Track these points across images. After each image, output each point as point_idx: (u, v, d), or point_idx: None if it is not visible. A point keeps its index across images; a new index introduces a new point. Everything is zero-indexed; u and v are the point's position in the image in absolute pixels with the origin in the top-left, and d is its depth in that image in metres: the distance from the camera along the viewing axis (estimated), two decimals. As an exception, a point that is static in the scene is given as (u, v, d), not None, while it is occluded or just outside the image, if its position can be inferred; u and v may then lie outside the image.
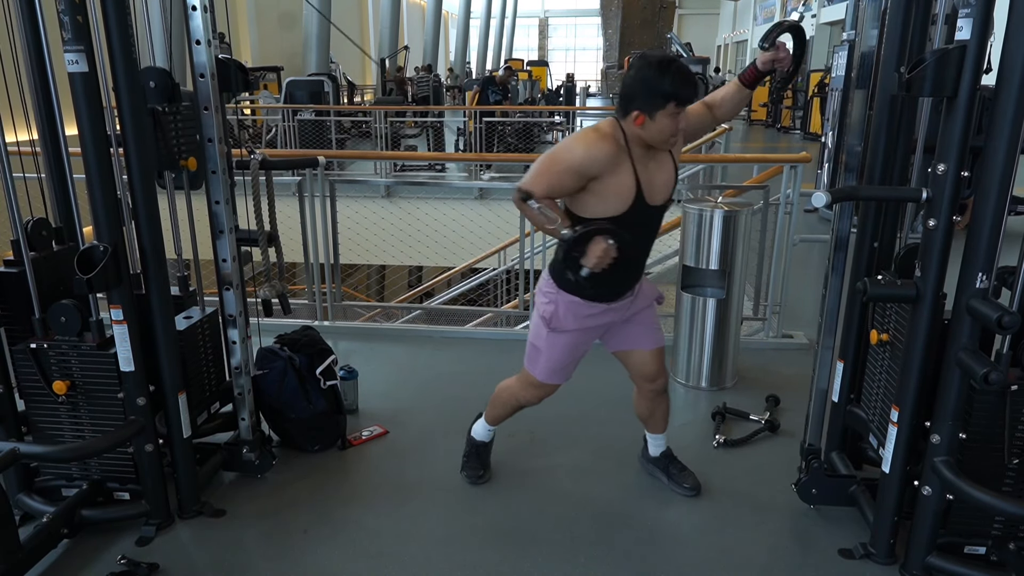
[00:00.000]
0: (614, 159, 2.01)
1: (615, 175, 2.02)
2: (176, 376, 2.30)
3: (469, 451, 2.65)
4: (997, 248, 1.79)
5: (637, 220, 2.09)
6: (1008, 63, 1.68)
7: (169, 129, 2.25)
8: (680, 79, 1.94)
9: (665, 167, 2.12)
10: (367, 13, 25.63)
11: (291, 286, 5.33)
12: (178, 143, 2.30)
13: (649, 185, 2.07)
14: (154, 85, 2.22)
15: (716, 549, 2.29)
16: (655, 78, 1.94)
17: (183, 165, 2.34)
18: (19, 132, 2.29)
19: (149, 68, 2.25)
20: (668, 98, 1.93)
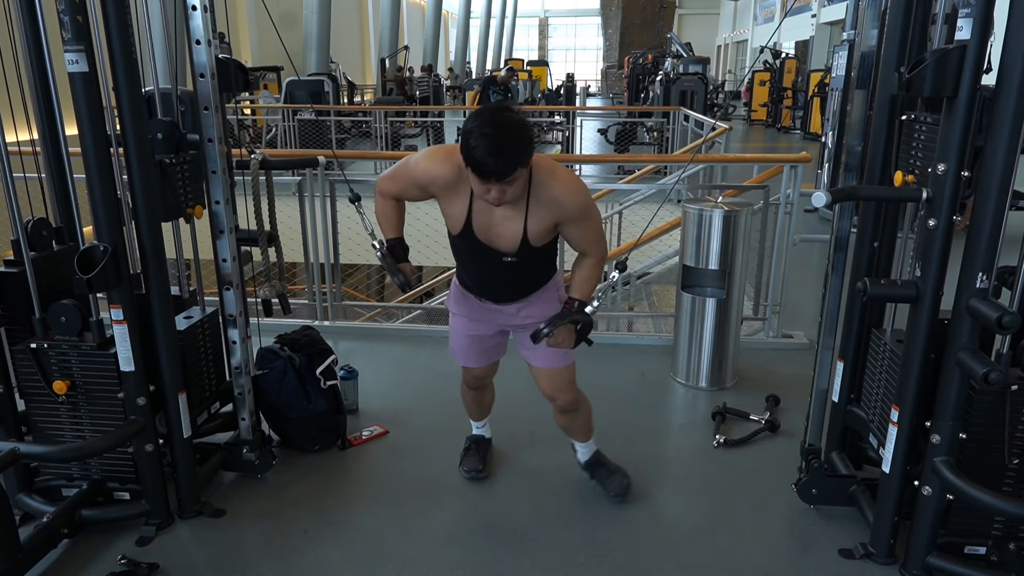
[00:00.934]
0: (452, 182, 1.96)
1: (450, 199, 2.00)
2: (176, 376, 2.30)
3: (467, 446, 2.70)
4: (997, 248, 1.79)
5: (473, 250, 2.06)
6: (1008, 63, 1.68)
7: (176, 180, 2.27)
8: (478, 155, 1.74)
9: (511, 220, 1.97)
10: (367, 13, 25.62)
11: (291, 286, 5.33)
12: (184, 192, 2.32)
13: (484, 225, 1.99)
14: (161, 136, 2.26)
15: (716, 549, 2.29)
16: (464, 134, 1.78)
17: (190, 213, 2.36)
18: (19, 132, 2.29)
19: (156, 120, 2.27)
20: (466, 163, 1.80)
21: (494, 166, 1.74)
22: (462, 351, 2.39)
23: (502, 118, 1.78)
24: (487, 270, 2.14)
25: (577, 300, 2.07)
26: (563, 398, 2.32)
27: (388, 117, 10.55)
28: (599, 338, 4.04)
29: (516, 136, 1.77)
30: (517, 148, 1.77)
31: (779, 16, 25.82)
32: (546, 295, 2.21)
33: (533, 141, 1.83)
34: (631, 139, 11.73)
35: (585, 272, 2.10)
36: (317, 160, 3.58)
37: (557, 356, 2.21)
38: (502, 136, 1.75)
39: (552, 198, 1.93)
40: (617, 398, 3.24)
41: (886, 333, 2.27)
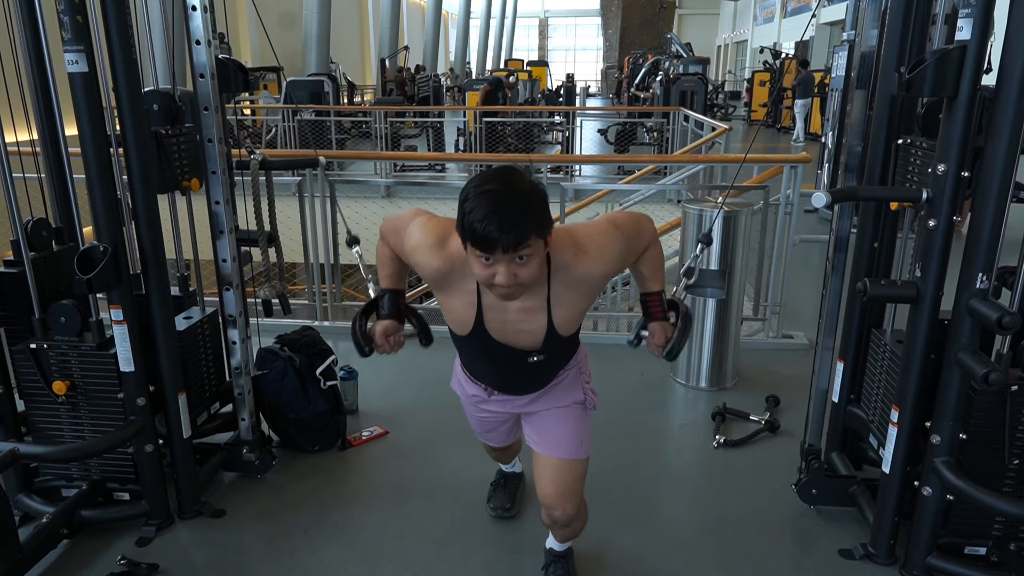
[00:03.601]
0: (448, 273, 1.59)
1: (450, 292, 1.63)
2: (176, 376, 2.29)
3: (496, 480, 2.48)
4: (997, 248, 1.79)
5: (488, 352, 1.71)
6: (1008, 63, 1.68)
7: (172, 151, 2.27)
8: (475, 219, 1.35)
9: (532, 313, 1.60)
10: (367, 13, 25.63)
11: (291, 286, 5.33)
12: (181, 165, 2.31)
13: (500, 322, 1.62)
14: (157, 108, 2.24)
15: (716, 549, 2.29)
16: (461, 200, 1.40)
17: (186, 186, 2.35)
18: (19, 132, 2.29)
19: (152, 91, 2.26)
20: (465, 234, 1.40)
21: (499, 230, 1.34)
22: (481, 434, 2.12)
23: (508, 174, 1.43)
24: (506, 370, 1.80)
25: (662, 292, 1.80)
26: (565, 508, 1.84)
27: (388, 117, 10.55)
28: (599, 338, 4.04)
29: (526, 194, 1.40)
30: (529, 207, 1.39)
31: (779, 16, 25.82)
32: (566, 380, 1.86)
33: (549, 209, 1.44)
34: (631, 139, 11.73)
35: (649, 261, 1.76)
36: (317, 160, 3.58)
37: (571, 445, 1.83)
38: (507, 194, 1.38)
39: (583, 275, 1.58)
40: (617, 398, 3.24)
41: (886, 333, 2.27)
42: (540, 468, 1.87)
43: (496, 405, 1.93)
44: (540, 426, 1.88)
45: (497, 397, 1.90)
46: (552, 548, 2.10)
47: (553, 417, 1.86)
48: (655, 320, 1.82)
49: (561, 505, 1.85)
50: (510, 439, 2.14)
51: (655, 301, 1.81)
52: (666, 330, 1.80)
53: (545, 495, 1.86)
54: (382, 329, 1.80)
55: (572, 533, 2.02)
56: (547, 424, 1.86)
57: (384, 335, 1.80)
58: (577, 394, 1.87)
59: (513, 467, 2.48)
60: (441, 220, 1.64)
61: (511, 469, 2.48)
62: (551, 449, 1.85)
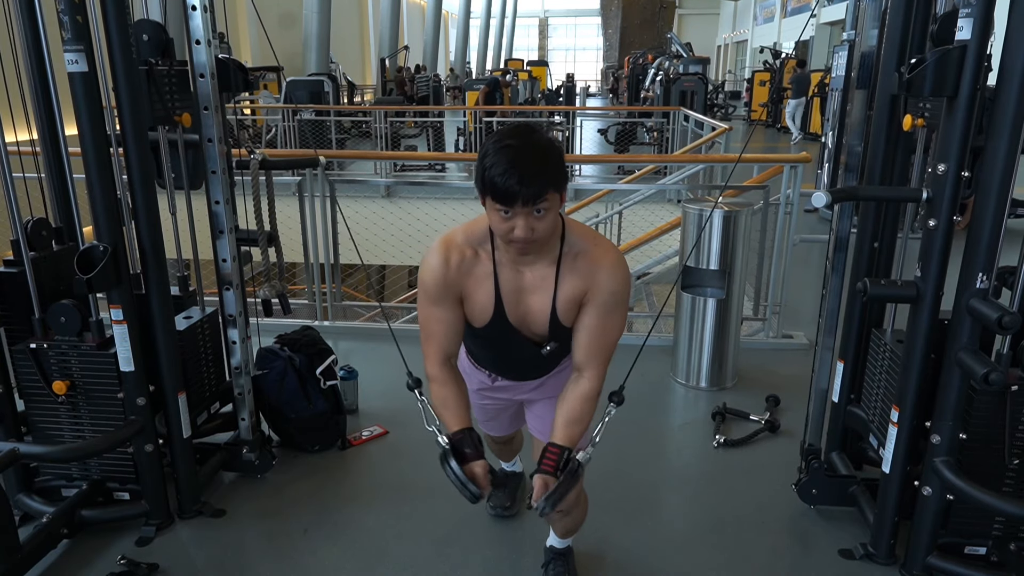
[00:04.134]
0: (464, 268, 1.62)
1: (473, 287, 1.64)
2: (176, 376, 2.29)
3: (496, 479, 2.48)
4: (997, 248, 1.79)
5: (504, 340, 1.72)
6: (1008, 63, 1.68)
7: (163, 83, 2.23)
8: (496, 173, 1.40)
9: (540, 290, 1.63)
10: (367, 13, 25.63)
11: (291, 286, 5.33)
12: (172, 98, 2.27)
13: (514, 301, 1.65)
14: (147, 38, 2.20)
15: (716, 549, 2.29)
16: (480, 156, 1.45)
17: (177, 120, 2.30)
18: (19, 132, 2.29)
19: (143, 20, 2.23)
20: (485, 188, 1.45)
21: (519, 183, 1.39)
22: (484, 422, 2.10)
23: (527, 130, 1.48)
24: (517, 358, 1.82)
25: (564, 448, 1.62)
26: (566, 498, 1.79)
27: (388, 117, 10.56)
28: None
29: (545, 150, 1.45)
30: (546, 162, 1.44)
31: (779, 16, 25.81)
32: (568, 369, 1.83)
33: (565, 165, 1.50)
34: (631, 139, 11.74)
35: (577, 409, 1.65)
36: (317, 160, 3.58)
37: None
38: (527, 149, 1.42)
39: (590, 264, 1.59)
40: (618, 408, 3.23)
41: (886, 333, 2.27)
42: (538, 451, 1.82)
43: (500, 392, 1.96)
44: (542, 414, 1.91)
45: (501, 383, 1.92)
46: (552, 546, 2.10)
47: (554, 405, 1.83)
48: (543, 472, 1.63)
49: None
50: (512, 428, 2.16)
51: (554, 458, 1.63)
52: (548, 484, 1.61)
53: None
54: (483, 472, 1.66)
55: (572, 523, 2.02)
56: (550, 412, 1.82)
57: (485, 476, 1.66)
58: None
59: (513, 466, 2.48)
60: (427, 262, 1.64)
61: (511, 468, 2.48)
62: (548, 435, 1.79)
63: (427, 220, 5.35)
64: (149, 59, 2.19)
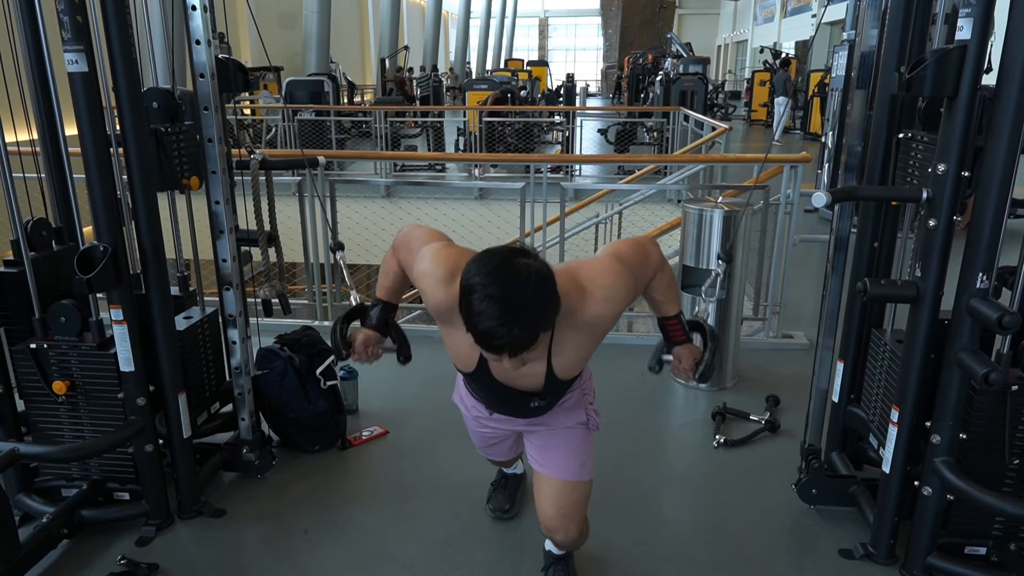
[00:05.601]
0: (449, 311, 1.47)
1: (454, 330, 1.52)
2: (176, 376, 2.29)
3: (496, 480, 2.48)
4: (997, 248, 1.79)
5: (491, 388, 1.68)
6: (1008, 63, 1.68)
7: (172, 149, 2.27)
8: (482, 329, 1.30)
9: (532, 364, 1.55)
10: (367, 13, 25.63)
11: (291, 286, 5.33)
12: (180, 162, 2.32)
13: (501, 368, 1.56)
14: (157, 106, 2.24)
15: (716, 549, 2.29)
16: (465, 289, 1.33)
17: (185, 183, 2.35)
18: (19, 132, 2.28)
19: (152, 89, 2.27)
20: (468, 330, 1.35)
21: (507, 339, 1.29)
22: (483, 448, 2.10)
23: (513, 269, 1.31)
24: (509, 404, 1.78)
25: (676, 315, 1.74)
26: (567, 532, 1.82)
27: (388, 117, 10.55)
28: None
29: (534, 294, 1.31)
30: (536, 310, 1.31)
31: (779, 16, 25.81)
32: (570, 401, 1.82)
33: (558, 296, 1.36)
34: (631, 139, 11.74)
35: (660, 286, 1.69)
36: (317, 160, 3.58)
37: (573, 467, 1.80)
38: (515, 298, 1.29)
39: (590, 320, 1.53)
40: (617, 398, 3.23)
41: (886, 333, 2.27)
42: (541, 489, 1.83)
43: (498, 423, 1.92)
44: (542, 446, 1.86)
45: (498, 416, 1.89)
46: (551, 550, 2.10)
47: (555, 437, 1.82)
48: (678, 344, 1.76)
49: (563, 528, 1.82)
50: (511, 454, 2.14)
51: (675, 325, 1.74)
52: (693, 352, 1.75)
53: (546, 517, 1.82)
54: (363, 338, 1.77)
55: (573, 549, 2.03)
56: (549, 444, 1.84)
57: (364, 344, 1.78)
58: (580, 415, 1.84)
59: (514, 469, 2.47)
60: (454, 252, 1.58)
61: (512, 471, 2.47)
62: (552, 470, 1.81)
63: (427, 220, 5.34)
64: (158, 127, 2.22)
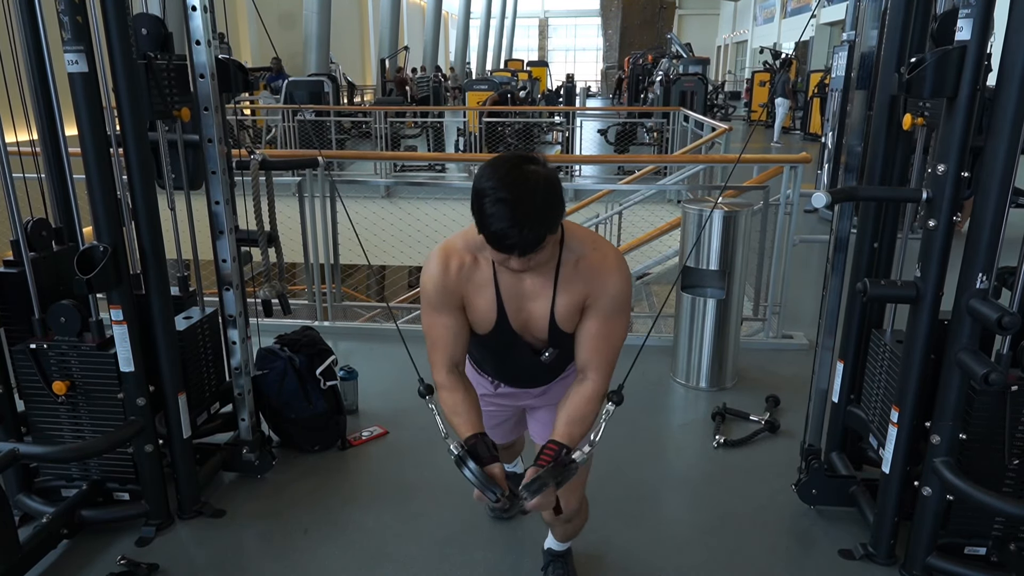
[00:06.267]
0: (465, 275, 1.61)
1: (474, 293, 1.63)
2: (176, 376, 2.29)
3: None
4: (997, 248, 1.79)
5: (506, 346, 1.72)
6: (1008, 63, 1.68)
7: (162, 76, 2.22)
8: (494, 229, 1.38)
9: (539, 297, 1.62)
10: (367, 13, 25.62)
11: (291, 286, 5.33)
12: (171, 92, 2.27)
13: (516, 308, 1.64)
14: (146, 32, 2.20)
15: (716, 549, 2.29)
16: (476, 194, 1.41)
17: (176, 115, 2.30)
18: (19, 132, 2.29)
19: (141, 15, 2.23)
20: (480, 231, 1.43)
21: (517, 239, 1.38)
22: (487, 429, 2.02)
23: (523, 175, 1.41)
24: (519, 366, 1.82)
25: (565, 447, 1.57)
26: (568, 503, 1.86)
27: (388, 117, 10.55)
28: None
29: (542, 198, 1.40)
30: (544, 213, 1.40)
31: (779, 16, 25.82)
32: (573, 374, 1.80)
33: (563, 201, 1.46)
34: (631, 139, 11.73)
35: (580, 408, 1.63)
36: (317, 160, 3.58)
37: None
38: (524, 201, 1.38)
39: (591, 269, 1.58)
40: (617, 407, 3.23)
41: (886, 333, 2.27)
42: None
43: (504, 399, 1.95)
44: (545, 420, 1.89)
45: (504, 390, 1.92)
46: (551, 548, 2.10)
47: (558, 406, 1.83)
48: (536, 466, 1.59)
49: (564, 499, 1.83)
50: (513, 435, 2.15)
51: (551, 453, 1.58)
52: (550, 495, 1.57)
53: None
54: (502, 474, 1.61)
55: (573, 530, 2.03)
56: (553, 418, 1.80)
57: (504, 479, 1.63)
58: None
59: (514, 467, 2.47)
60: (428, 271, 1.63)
61: (511, 469, 2.47)
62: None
63: (427, 220, 5.35)
64: (148, 53, 2.19)
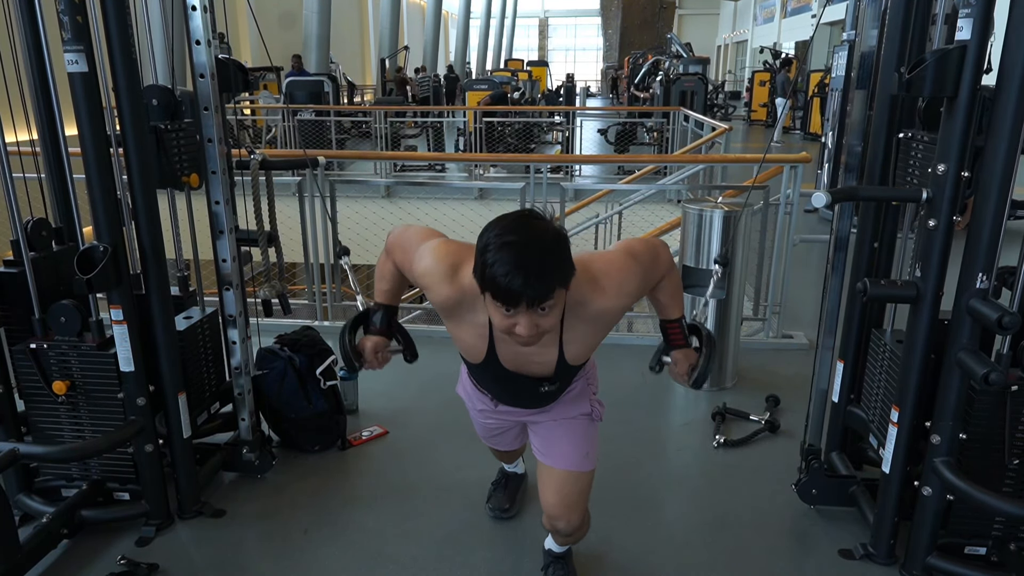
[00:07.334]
0: (460, 303, 1.55)
1: (460, 321, 1.59)
2: (176, 376, 2.29)
3: (497, 479, 2.47)
4: (997, 248, 1.79)
5: (499, 378, 1.71)
6: (1008, 63, 1.68)
7: (171, 146, 2.27)
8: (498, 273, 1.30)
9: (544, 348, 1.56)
10: (367, 13, 25.62)
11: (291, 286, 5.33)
12: (180, 160, 2.32)
13: (512, 354, 1.61)
14: (156, 103, 2.25)
15: (716, 549, 2.29)
16: (480, 249, 1.35)
17: (185, 181, 2.35)
18: (19, 132, 2.29)
19: (152, 86, 2.27)
20: (485, 285, 1.35)
21: (524, 286, 1.28)
22: (487, 439, 2.11)
23: (529, 224, 1.36)
24: (517, 394, 1.79)
25: (678, 319, 1.76)
26: (569, 520, 1.84)
27: (388, 117, 10.55)
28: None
29: (550, 246, 1.34)
30: (552, 261, 1.33)
31: (779, 16, 25.82)
32: (574, 391, 1.84)
33: (571, 259, 1.38)
34: (631, 139, 11.73)
35: (667, 289, 1.72)
36: (317, 160, 3.58)
37: (577, 457, 1.81)
38: (532, 247, 1.31)
39: (600, 312, 1.55)
40: (617, 398, 3.23)
41: (886, 333, 2.27)
42: (545, 478, 1.85)
43: (503, 414, 1.93)
44: (546, 436, 1.87)
45: (503, 408, 1.90)
46: (551, 549, 2.10)
47: (559, 428, 1.84)
48: (677, 348, 1.80)
49: (565, 516, 1.85)
50: (516, 444, 2.14)
51: (676, 328, 1.77)
52: (690, 357, 1.79)
53: (549, 505, 1.84)
54: (372, 345, 1.76)
55: (574, 541, 2.03)
56: (553, 435, 1.85)
57: (374, 351, 1.77)
58: (584, 406, 1.86)
59: (515, 467, 2.48)
60: (453, 247, 1.59)
61: (513, 469, 2.47)
62: (557, 460, 1.83)
63: (427, 220, 5.34)
64: (157, 125, 2.23)
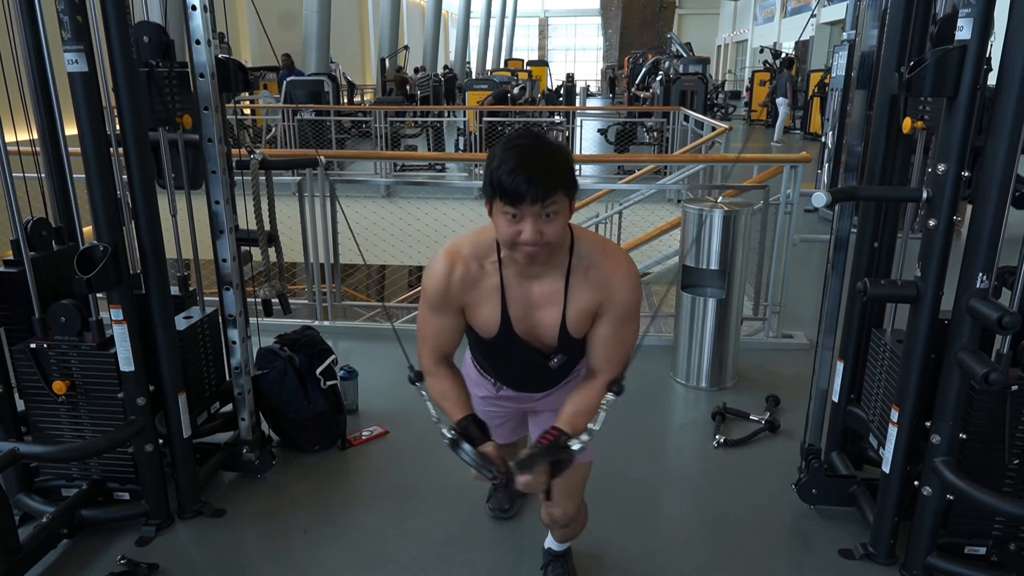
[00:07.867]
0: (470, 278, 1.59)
1: (477, 298, 1.62)
2: (176, 376, 2.29)
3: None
4: (997, 248, 1.79)
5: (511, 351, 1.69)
6: (1008, 63, 1.68)
7: (164, 84, 2.23)
8: (504, 171, 1.38)
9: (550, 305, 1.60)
10: (367, 13, 25.62)
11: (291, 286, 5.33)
12: (173, 99, 2.27)
13: (522, 314, 1.62)
14: (148, 40, 2.20)
15: (716, 549, 2.29)
16: (489, 158, 1.44)
17: (178, 121, 2.30)
18: (19, 132, 2.29)
19: (143, 23, 2.23)
20: (494, 190, 1.43)
21: (528, 181, 1.37)
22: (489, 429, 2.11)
23: (535, 134, 1.48)
24: (524, 370, 1.80)
25: (563, 433, 1.57)
26: (566, 508, 1.87)
27: (388, 117, 10.55)
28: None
29: (554, 151, 1.44)
30: (556, 163, 1.42)
31: (779, 16, 25.82)
32: (576, 380, 1.83)
33: (574, 170, 1.47)
34: (631, 139, 11.73)
35: (586, 400, 1.64)
36: (317, 160, 3.58)
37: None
38: (536, 149, 1.42)
39: (603, 277, 1.57)
40: (621, 398, 3.23)
41: (886, 333, 2.27)
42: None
43: (505, 401, 1.94)
44: (547, 423, 1.87)
45: (506, 393, 1.90)
46: (551, 548, 2.11)
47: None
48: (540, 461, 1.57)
49: (562, 504, 1.87)
50: (515, 436, 2.14)
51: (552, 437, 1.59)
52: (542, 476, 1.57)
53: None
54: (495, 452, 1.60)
55: (572, 533, 2.04)
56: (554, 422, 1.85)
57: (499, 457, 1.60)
58: None
59: None
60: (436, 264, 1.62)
61: None
62: None
63: (427, 220, 5.35)
64: (150, 61, 2.19)
